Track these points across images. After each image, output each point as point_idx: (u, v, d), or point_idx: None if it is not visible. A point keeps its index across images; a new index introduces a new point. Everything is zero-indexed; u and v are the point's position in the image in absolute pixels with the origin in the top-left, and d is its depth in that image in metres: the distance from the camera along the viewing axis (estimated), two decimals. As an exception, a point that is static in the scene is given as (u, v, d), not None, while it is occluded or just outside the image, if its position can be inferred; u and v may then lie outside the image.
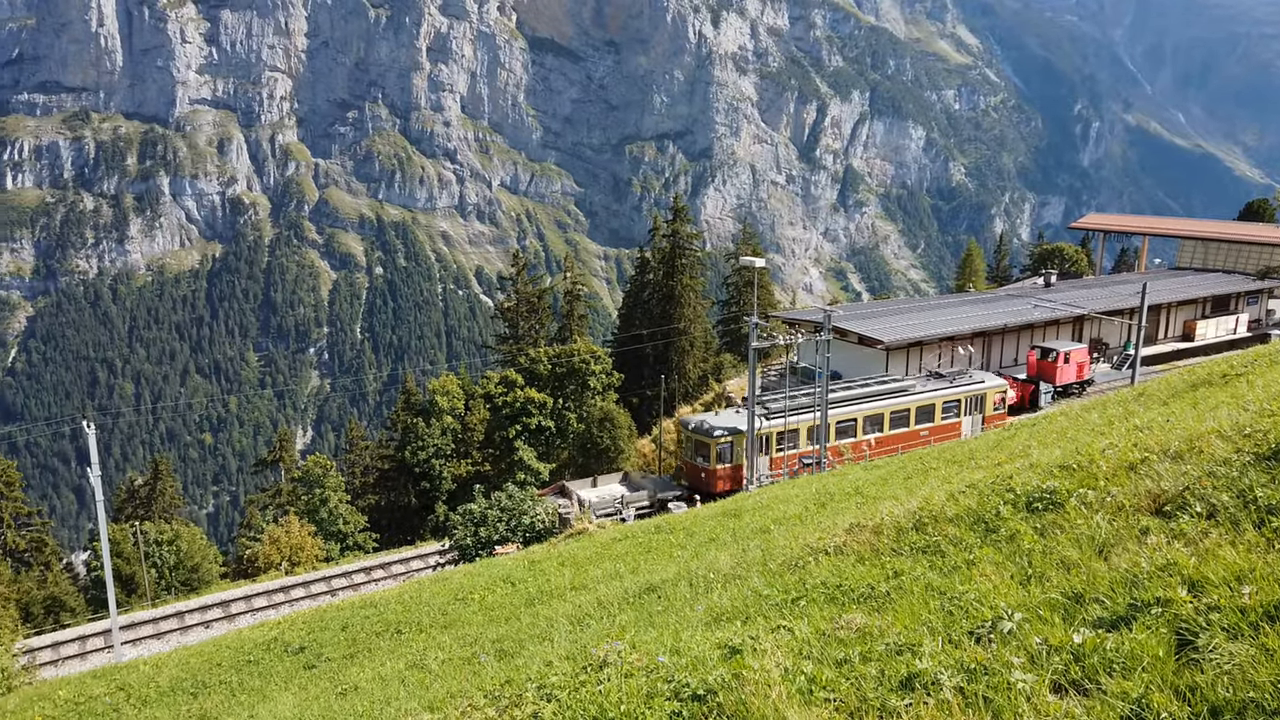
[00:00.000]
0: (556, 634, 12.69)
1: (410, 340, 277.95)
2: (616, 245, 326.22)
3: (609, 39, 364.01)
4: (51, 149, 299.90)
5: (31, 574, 57.99)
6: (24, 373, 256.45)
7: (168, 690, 15.23)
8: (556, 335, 72.93)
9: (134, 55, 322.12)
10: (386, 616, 17.45)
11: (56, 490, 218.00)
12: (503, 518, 31.81)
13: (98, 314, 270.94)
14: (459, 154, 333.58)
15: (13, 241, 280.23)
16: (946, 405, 46.23)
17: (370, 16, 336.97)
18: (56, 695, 15.79)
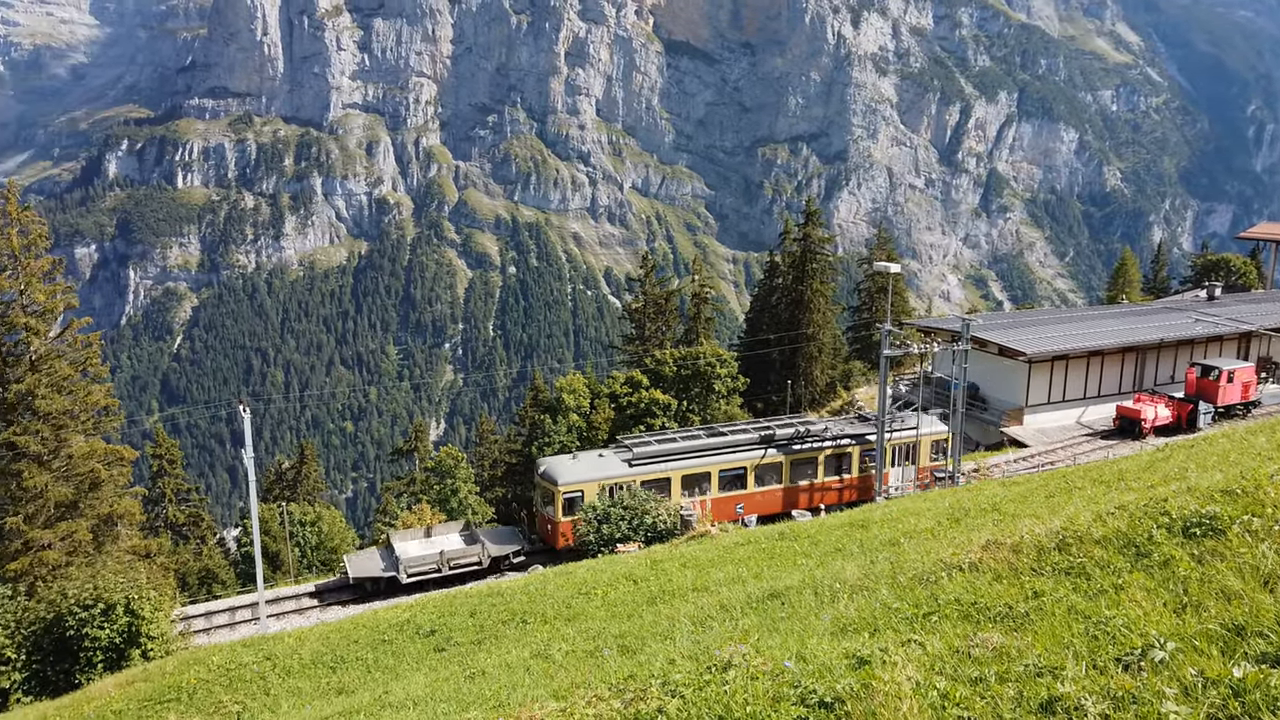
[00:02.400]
0: (678, 633, 12.74)
1: (540, 338, 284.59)
2: (745, 248, 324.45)
3: (745, 41, 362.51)
4: (218, 150, 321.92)
5: (188, 547, 62.21)
6: (187, 359, 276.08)
7: (309, 662, 16.09)
8: (682, 337, 73.11)
9: (294, 62, 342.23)
10: (512, 606, 17.89)
11: (212, 470, 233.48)
12: (625, 516, 32.09)
13: (254, 306, 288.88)
14: (592, 156, 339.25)
15: (181, 236, 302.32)
16: (868, 454, 40.33)
17: (512, 23, 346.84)
18: (210, 660, 16.92)
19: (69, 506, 43.65)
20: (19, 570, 39.15)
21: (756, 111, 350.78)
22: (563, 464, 38.11)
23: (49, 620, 21.61)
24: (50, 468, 42.83)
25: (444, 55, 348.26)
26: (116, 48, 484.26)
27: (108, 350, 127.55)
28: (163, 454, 64.61)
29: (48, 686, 20.99)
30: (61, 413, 42.39)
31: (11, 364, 41.97)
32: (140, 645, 21.60)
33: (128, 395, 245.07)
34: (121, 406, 49.25)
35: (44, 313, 42.42)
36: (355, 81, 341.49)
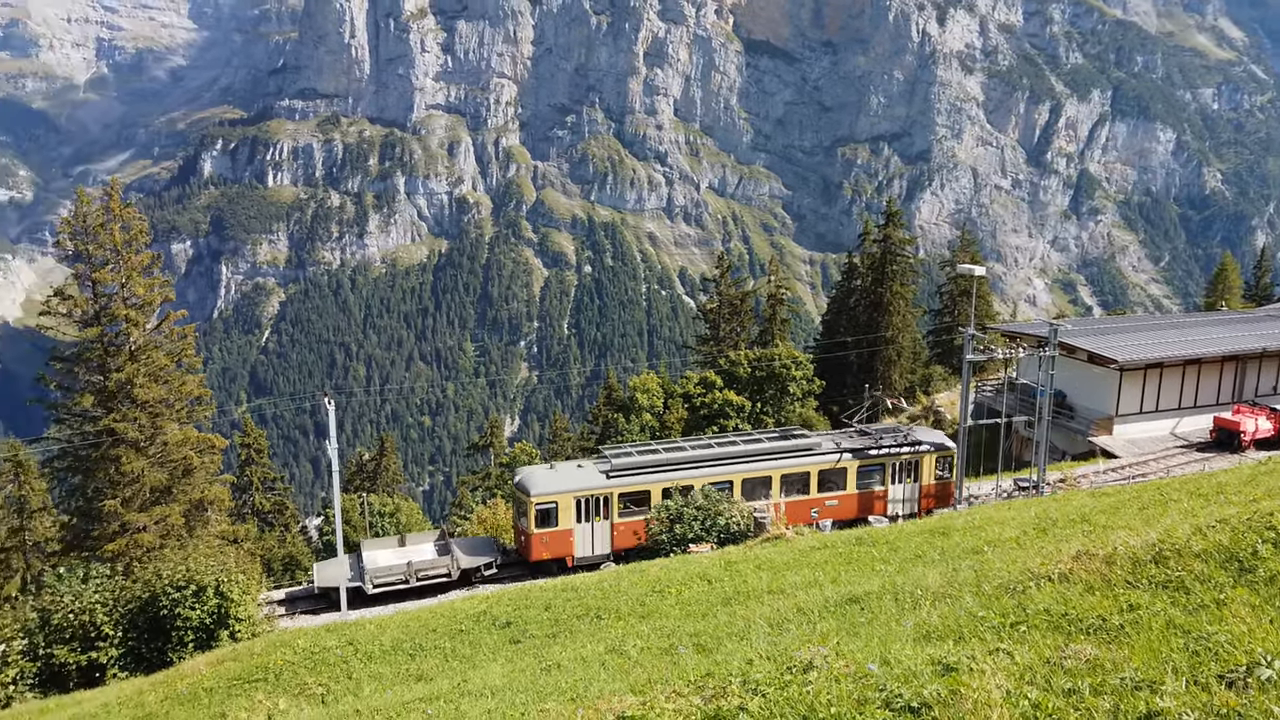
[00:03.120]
0: (754, 634, 12.67)
1: (614, 338, 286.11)
2: (823, 249, 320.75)
3: (826, 40, 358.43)
4: (306, 150, 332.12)
5: (273, 533, 64.29)
6: (274, 352, 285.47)
7: (390, 649, 16.48)
8: (757, 339, 72.64)
9: (379, 64, 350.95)
10: (586, 601, 18.02)
11: (296, 460, 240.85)
12: (698, 516, 32.00)
13: (338, 302, 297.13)
14: (669, 156, 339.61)
15: (271, 234, 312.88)
16: (865, 471, 38.35)
17: (592, 23, 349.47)
18: (295, 644, 17.45)
19: (163, 491, 45.51)
20: (116, 551, 40.97)
21: (837, 111, 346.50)
22: (537, 474, 36.84)
23: (144, 600, 22.50)
24: (146, 454, 44.71)
25: (524, 56, 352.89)
26: (213, 51, 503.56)
27: (200, 342, 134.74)
28: (251, 443, 66.90)
29: (142, 663, 21.88)
30: (158, 401, 44.20)
31: (113, 354, 43.91)
32: (228, 626, 22.38)
33: (218, 386, 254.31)
34: (213, 397, 51.16)
35: (143, 305, 44.25)
36: (438, 83, 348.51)
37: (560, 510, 34.82)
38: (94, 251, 42.82)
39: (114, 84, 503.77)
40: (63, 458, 46.23)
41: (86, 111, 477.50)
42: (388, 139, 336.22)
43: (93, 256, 42.92)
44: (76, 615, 21.94)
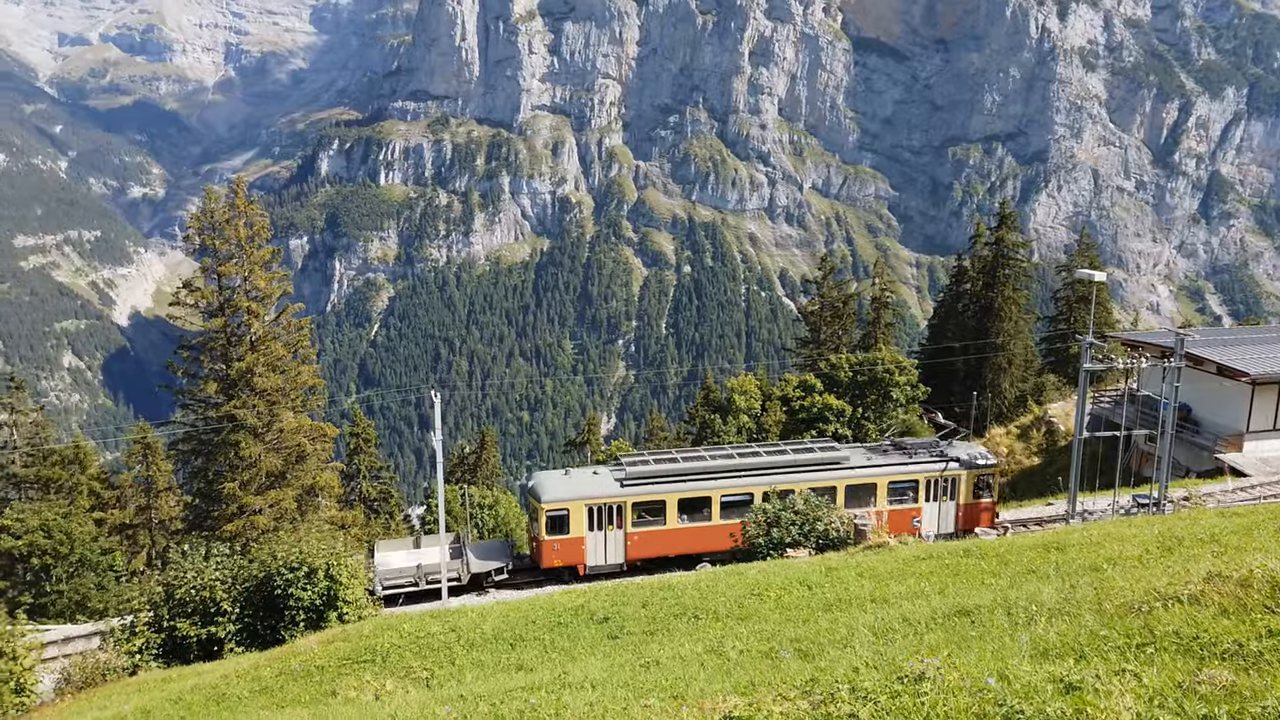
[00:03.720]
0: (857, 642, 12.40)
1: (711, 338, 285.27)
2: (930, 252, 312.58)
3: (939, 37, 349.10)
4: (416, 150, 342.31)
5: (378, 521, 66.34)
6: (383, 345, 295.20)
7: (491, 638, 16.78)
8: (859, 342, 71.26)
9: (488, 66, 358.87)
10: (683, 600, 17.98)
11: (400, 450, 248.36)
12: (796, 521, 31.54)
13: (443, 298, 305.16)
14: (772, 156, 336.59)
15: (381, 231, 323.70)
16: (897, 487, 36.51)
17: (698, 23, 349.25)
18: (401, 627, 17.96)
19: (278, 476, 47.54)
20: (234, 531, 43.01)
21: (948, 110, 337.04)
22: (550, 480, 36.17)
23: (260, 579, 23.49)
24: (264, 440, 46.77)
25: (629, 57, 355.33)
26: (331, 54, 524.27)
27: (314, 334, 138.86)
28: (359, 433, 69.21)
29: (257, 639, 22.87)
30: (275, 390, 46.22)
31: (235, 343, 46.11)
32: (337, 608, 23.18)
33: (330, 377, 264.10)
34: (325, 387, 53.20)
35: (263, 298, 46.35)
36: (544, 84, 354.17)
37: (572, 517, 34.09)
38: (220, 246, 45.07)
39: (240, 86, 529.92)
40: (187, 441, 48.81)
41: (214, 112, 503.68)
42: (494, 139, 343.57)
43: (218, 251, 45.19)
44: (198, 591, 23.05)
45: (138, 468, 55.74)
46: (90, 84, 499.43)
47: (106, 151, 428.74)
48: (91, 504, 52.09)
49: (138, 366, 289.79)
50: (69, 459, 53.55)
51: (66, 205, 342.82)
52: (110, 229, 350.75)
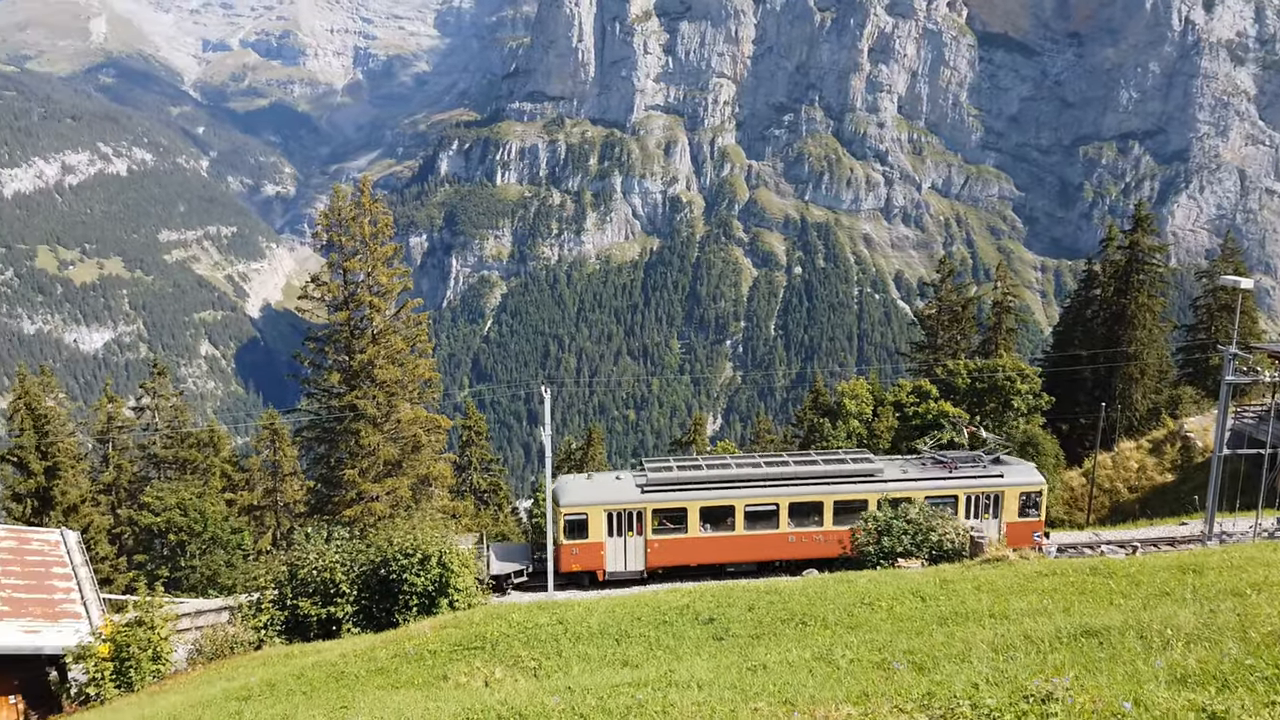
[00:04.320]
0: (975, 657, 11.93)
1: (821, 341, 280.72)
2: (1057, 255, 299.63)
3: (1071, 31, 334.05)
4: (532, 151, 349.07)
5: (488, 512, 67.87)
6: (495, 341, 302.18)
7: (597, 632, 16.88)
8: (979, 348, 68.81)
9: (603, 67, 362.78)
10: (790, 606, 17.69)
11: (510, 444, 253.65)
12: (908, 530, 30.68)
13: (554, 295, 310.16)
14: (890, 155, 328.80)
15: (496, 230, 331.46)
16: (935, 502, 34.30)
17: (816, 21, 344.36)
18: (510, 617, 18.26)
19: (394, 465, 49.16)
20: (353, 516, 44.65)
21: (1080, 107, 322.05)
22: (571, 484, 35.90)
23: (376, 563, 24.28)
24: (382, 429, 48.43)
25: (744, 56, 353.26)
26: (453, 57, 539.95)
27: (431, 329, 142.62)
28: (471, 426, 70.96)
29: (372, 621, 23.65)
30: (394, 382, 47.79)
31: (357, 336, 47.89)
32: (448, 595, 23.76)
33: (444, 370, 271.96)
34: (440, 380, 54.74)
35: (385, 293, 47.98)
36: (658, 84, 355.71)
37: (591, 522, 33.69)
38: (345, 242, 46.87)
39: (367, 89, 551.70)
40: (311, 428, 50.98)
41: (343, 114, 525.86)
42: (608, 139, 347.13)
43: (344, 247, 46.99)
44: (319, 572, 23.98)
45: (266, 452, 58.57)
46: (230, 87, 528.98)
47: (243, 151, 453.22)
48: (223, 485, 55.05)
49: (267, 356, 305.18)
50: (204, 442, 56.76)
51: (206, 202, 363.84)
52: (245, 225, 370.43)
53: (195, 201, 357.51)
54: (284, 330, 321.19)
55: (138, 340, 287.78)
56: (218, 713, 13.98)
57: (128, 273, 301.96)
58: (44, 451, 47.88)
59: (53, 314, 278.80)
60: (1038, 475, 36.68)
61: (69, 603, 25.14)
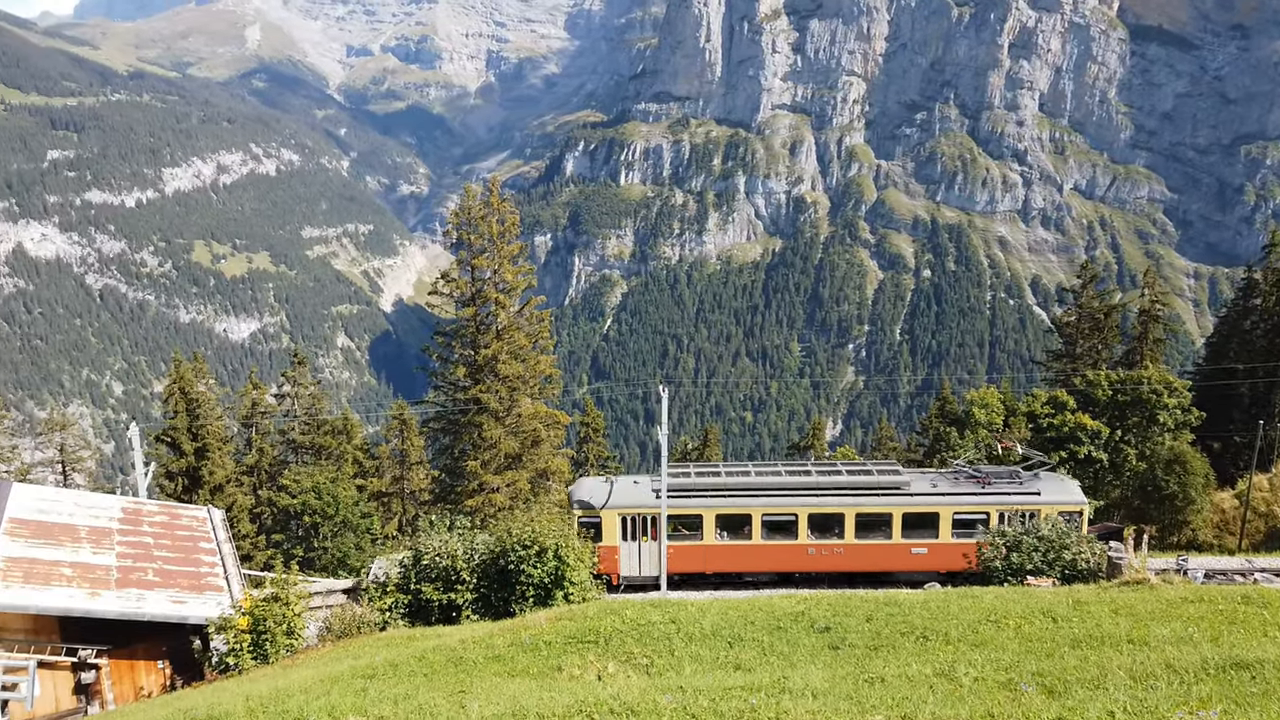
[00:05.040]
0: (1111, 684, 11.27)
1: (950, 347, 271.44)
2: (1213, 262, 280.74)
3: (1236, 23, 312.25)
4: (655, 151, 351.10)
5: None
6: (614, 339, 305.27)
7: (710, 633, 16.77)
8: (1122, 358, 65.06)
9: (730, 66, 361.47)
10: (911, 619, 17.16)
11: (626, 442, 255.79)
12: (1038, 547, 29.29)
13: (674, 295, 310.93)
14: (1029, 155, 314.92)
15: (619, 229, 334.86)
16: (963, 519, 32.91)
17: (953, 16, 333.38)
18: (624, 613, 18.33)
19: (515, 458, 50.28)
20: (474, 506, 45.94)
21: (1243, 103, 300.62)
22: (586, 487, 35.35)
23: (495, 553, 24.85)
24: (504, 423, 49.61)
25: (876, 53, 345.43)
26: (582, 59, 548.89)
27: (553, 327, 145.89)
28: (589, 422, 71.84)
29: (490, 609, 24.22)
30: (516, 377, 48.88)
31: (483, 331, 49.17)
32: (563, 588, 24.11)
33: (564, 368, 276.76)
34: (561, 377, 55.64)
35: (510, 290, 49.14)
36: (785, 83, 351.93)
37: (605, 526, 33.27)
38: (474, 240, 48.22)
39: (498, 91, 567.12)
40: (437, 420, 52.68)
41: (475, 116, 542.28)
42: (732, 139, 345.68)
43: (473, 245, 48.35)
44: (441, 559, 24.73)
45: (395, 441, 60.91)
46: (371, 91, 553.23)
47: (381, 152, 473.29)
48: (354, 471, 57.53)
49: (398, 349, 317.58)
50: (338, 429, 59.48)
51: (346, 201, 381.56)
52: (381, 223, 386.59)
53: (336, 200, 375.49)
54: (414, 324, 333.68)
55: (280, 331, 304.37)
56: (345, 689, 14.56)
57: (273, 267, 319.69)
58: (195, 433, 51.18)
59: (205, 305, 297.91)
60: (1079, 494, 34.69)
61: (213, 576, 26.76)
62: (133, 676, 23.84)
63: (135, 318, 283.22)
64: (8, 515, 25.96)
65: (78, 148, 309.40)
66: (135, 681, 23.87)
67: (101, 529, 27.64)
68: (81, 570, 24.40)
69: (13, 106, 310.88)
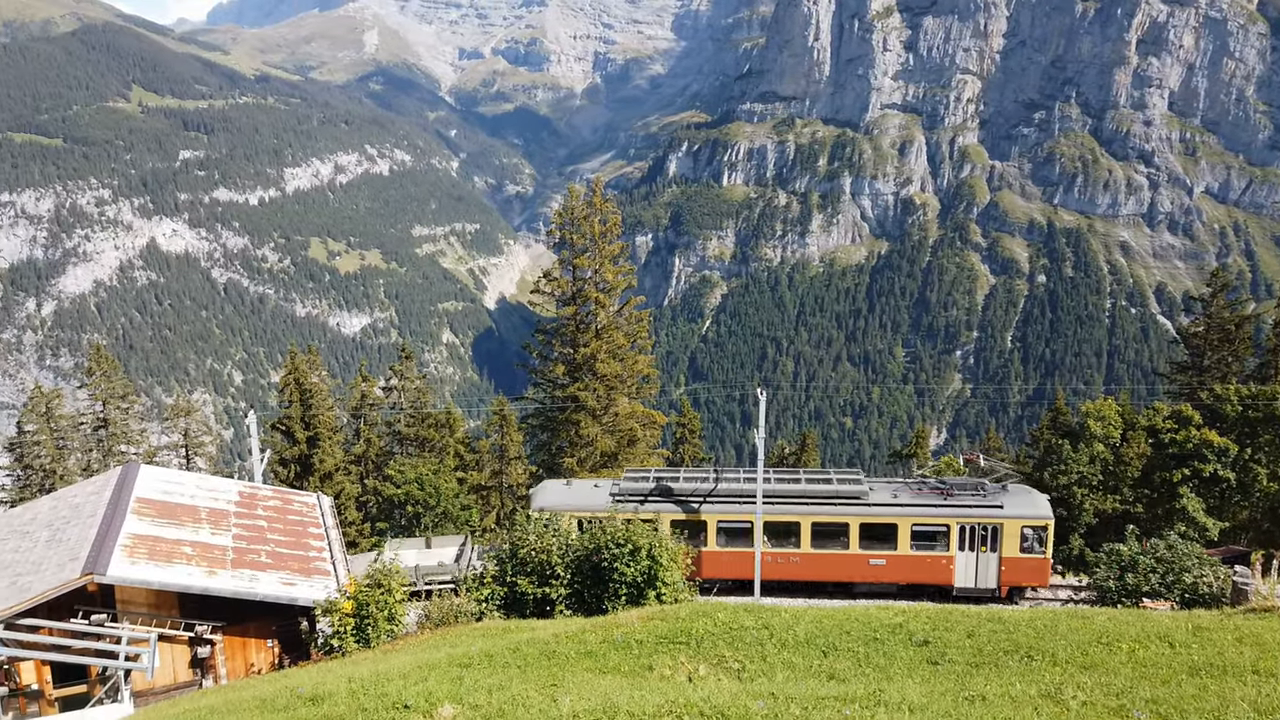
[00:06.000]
0: (1232, 716, 10.64)
1: (1065, 356, 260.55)
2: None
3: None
4: (759, 151, 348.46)
5: (698, 510, 68.19)
6: (713, 341, 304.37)
7: (803, 641, 16.49)
8: (1254, 372, 61.17)
9: (839, 65, 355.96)
10: (1016, 637, 16.55)
11: (722, 444, 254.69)
12: (1156, 569, 27.84)
13: (774, 298, 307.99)
14: (1156, 156, 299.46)
15: (720, 230, 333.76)
16: (922, 531, 32.46)
17: (1076, 11, 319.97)
18: (716, 615, 18.21)
19: (610, 456, 50.67)
20: (571, 502, 46.42)
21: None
22: (545, 489, 35.50)
23: (589, 550, 25.03)
24: (600, 421, 50.06)
25: (993, 50, 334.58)
26: (688, 59, 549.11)
27: (652, 327, 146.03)
28: (685, 423, 71.78)
29: (582, 605, 24.41)
30: (614, 376, 49.26)
31: (582, 330, 49.73)
32: (656, 587, 24.11)
33: (662, 368, 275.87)
34: (658, 377, 55.78)
35: (610, 290, 49.56)
36: (896, 82, 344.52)
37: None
38: (576, 240, 48.82)
39: (604, 92, 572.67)
40: (535, 416, 53.54)
41: (580, 117, 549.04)
42: (839, 139, 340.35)
43: (575, 244, 48.97)
44: (537, 553, 25.07)
45: (494, 436, 62.18)
46: (481, 93, 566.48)
47: (489, 153, 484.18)
48: (455, 464, 58.96)
49: (500, 346, 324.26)
50: (441, 423, 61.06)
51: (454, 200, 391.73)
52: (487, 222, 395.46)
53: (445, 200, 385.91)
54: (516, 322, 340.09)
55: (389, 326, 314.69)
56: (441, 676, 14.89)
57: (384, 264, 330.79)
58: (307, 422, 53.31)
59: (320, 299, 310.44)
60: (1045, 508, 33.62)
61: (320, 560, 27.80)
62: (244, 653, 24.97)
63: (255, 310, 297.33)
64: (136, 495, 27.56)
65: (207, 148, 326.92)
66: (246, 658, 25.00)
67: (220, 511, 29.06)
68: (201, 550, 25.69)
69: (150, 109, 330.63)
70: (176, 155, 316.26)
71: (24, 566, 23.57)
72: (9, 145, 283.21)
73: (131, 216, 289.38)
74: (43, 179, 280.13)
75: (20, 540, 25.66)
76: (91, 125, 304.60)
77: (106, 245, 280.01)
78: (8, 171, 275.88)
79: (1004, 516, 33.03)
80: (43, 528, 26.23)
